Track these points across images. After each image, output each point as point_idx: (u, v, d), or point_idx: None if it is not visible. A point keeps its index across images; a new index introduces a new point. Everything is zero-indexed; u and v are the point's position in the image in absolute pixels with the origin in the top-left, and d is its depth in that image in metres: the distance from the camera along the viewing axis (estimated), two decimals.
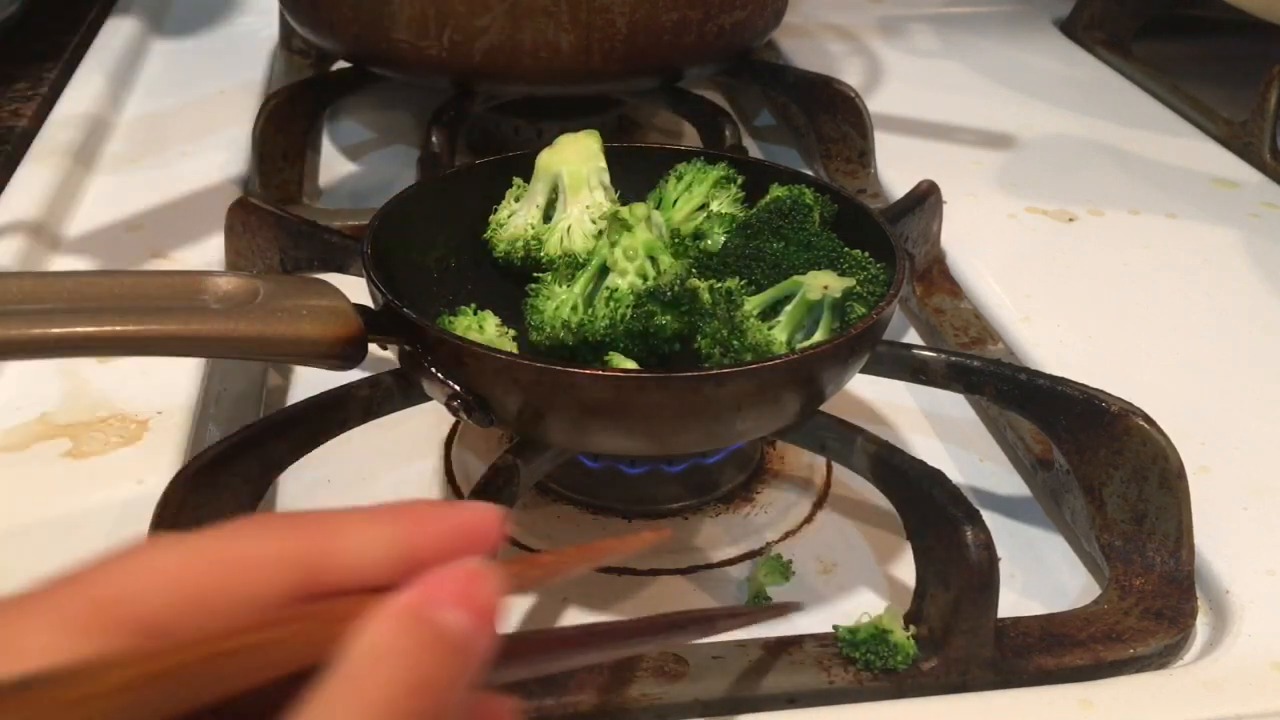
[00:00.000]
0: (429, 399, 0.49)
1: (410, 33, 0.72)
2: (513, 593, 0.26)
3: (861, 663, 0.43)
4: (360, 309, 0.46)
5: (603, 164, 0.56)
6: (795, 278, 0.50)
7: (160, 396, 0.56)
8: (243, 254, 0.62)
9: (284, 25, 1.01)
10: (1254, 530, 0.52)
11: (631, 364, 0.50)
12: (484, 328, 0.51)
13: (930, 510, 0.45)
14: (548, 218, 0.56)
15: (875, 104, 0.87)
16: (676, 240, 0.54)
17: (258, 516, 0.25)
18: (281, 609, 0.23)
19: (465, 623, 0.23)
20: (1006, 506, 0.56)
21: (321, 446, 0.50)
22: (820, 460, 0.58)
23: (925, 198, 0.68)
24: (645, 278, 0.52)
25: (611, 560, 0.36)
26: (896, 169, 0.82)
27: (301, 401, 0.50)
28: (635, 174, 0.59)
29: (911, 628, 0.44)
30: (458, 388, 0.45)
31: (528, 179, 0.57)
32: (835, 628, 0.44)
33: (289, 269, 0.61)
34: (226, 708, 0.21)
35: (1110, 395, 0.50)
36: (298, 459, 0.49)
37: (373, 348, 0.46)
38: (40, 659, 0.20)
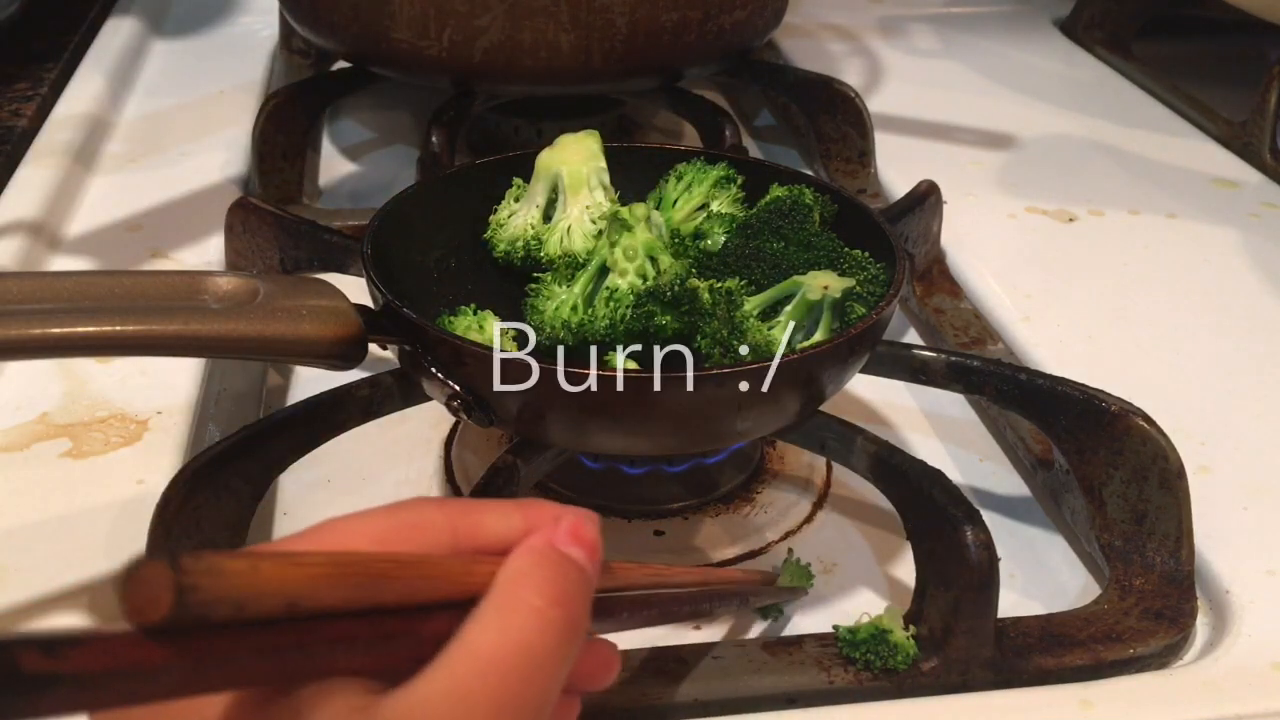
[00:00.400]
0: (429, 399, 0.49)
1: (410, 33, 0.72)
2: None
3: (861, 663, 0.43)
4: (360, 309, 0.46)
5: (603, 164, 0.56)
6: (795, 278, 0.50)
7: (160, 396, 0.56)
8: (243, 254, 0.62)
9: (284, 25, 1.01)
10: (1254, 530, 0.52)
11: (632, 364, 0.50)
12: (484, 328, 0.51)
13: (930, 510, 0.45)
14: (548, 218, 0.56)
15: (875, 104, 0.87)
16: (676, 240, 0.54)
17: (417, 499, 0.31)
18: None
19: (581, 553, 0.30)
20: (1006, 506, 0.56)
21: (321, 446, 0.50)
22: (820, 460, 0.58)
23: (925, 198, 0.68)
24: (645, 278, 0.52)
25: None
26: (896, 169, 0.82)
27: (301, 401, 0.50)
28: (635, 174, 0.59)
29: (911, 628, 0.44)
30: (458, 388, 0.45)
31: (528, 179, 0.57)
32: (835, 628, 0.44)
33: (289, 269, 0.61)
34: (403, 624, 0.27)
35: (1110, 395, 0.50)
36: (298, 459, 0.49)
37: (373, 348, 0.46)
38: None
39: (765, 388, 0.44)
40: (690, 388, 0.43)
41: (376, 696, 0.26)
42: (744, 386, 0.43)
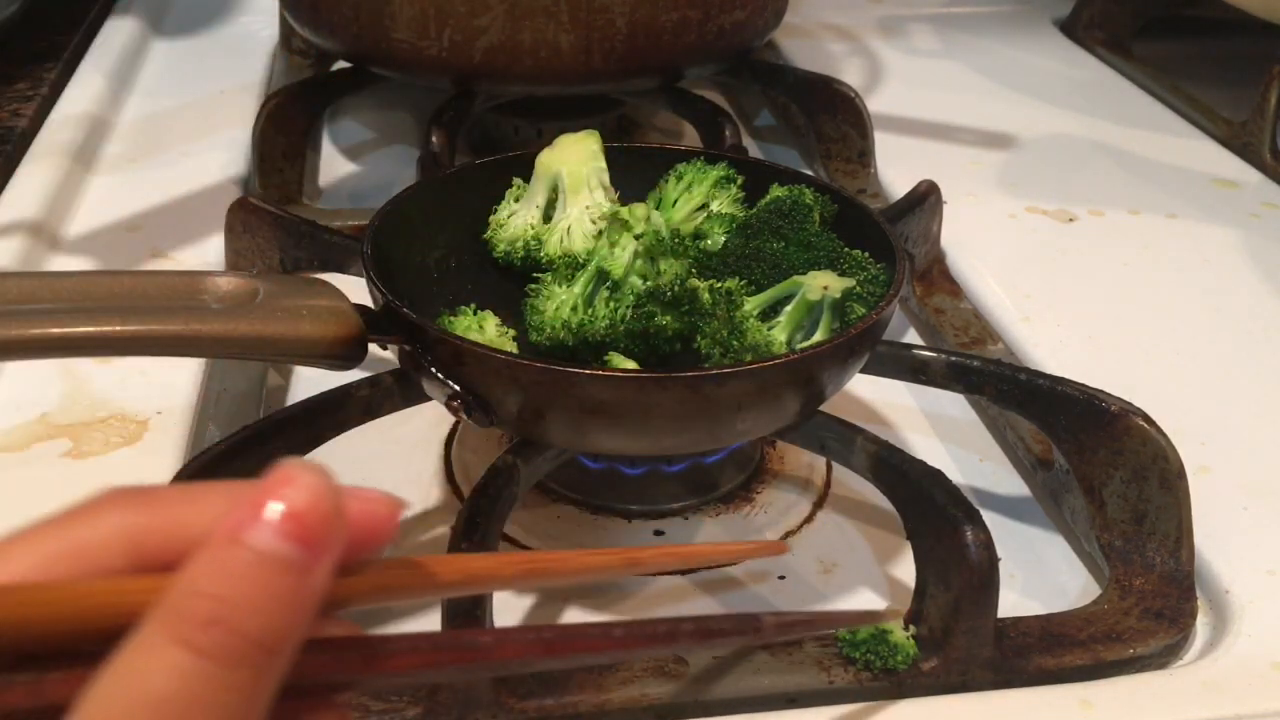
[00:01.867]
0: (429, 399, 0.49)
1: (410, 33, 0.72)
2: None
3: (861, 663, 0.43)
4: (360, 309, 0.46)
5: (603, 164, 0.56)
6: (795, 278, 0.50)
7: (160, 396, 0.56)
8: (243, 254, 0.62)
9: (284, 25, 1.01)
10: (1254, 530, 0.52)
11: (631, 364, 0.50)
12: (484, 328, 0.51)
13: (930, 510, 0.45)
14: (548, 218, 0.56)
15: (875, 104, 0.87)
16: (676, 240, 0.54)
17: (99, 497, 0.24)
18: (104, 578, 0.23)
19: (274, 533, 0.22)
20: (1006, 506, 0.56)
21: (321, 446, 0.50)
22: (820, 460, 0.58)
23: (925, 198, 0.68)
24: (645, 278, 0.52)
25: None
26: (896, 169, 0.82)
27: (301, 401, 0.50)
28: (635, 174, 0.59)
29: (911, 627, 0.44)
30: (458, 388, 0.45)
31: (528, 179, 0.57)
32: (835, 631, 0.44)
33: (289, 269, 0.61)
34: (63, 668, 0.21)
35: (1110, 395, 0.50)
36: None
37: (373, 348, 0.46)
38: None
39: (765, 388, 0.44)
40: (690, 388, 0.43)
41: None
42: (744, 386, 0.43)
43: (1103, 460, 0.50)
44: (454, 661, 0.25)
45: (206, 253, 0.69)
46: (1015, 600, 0.50)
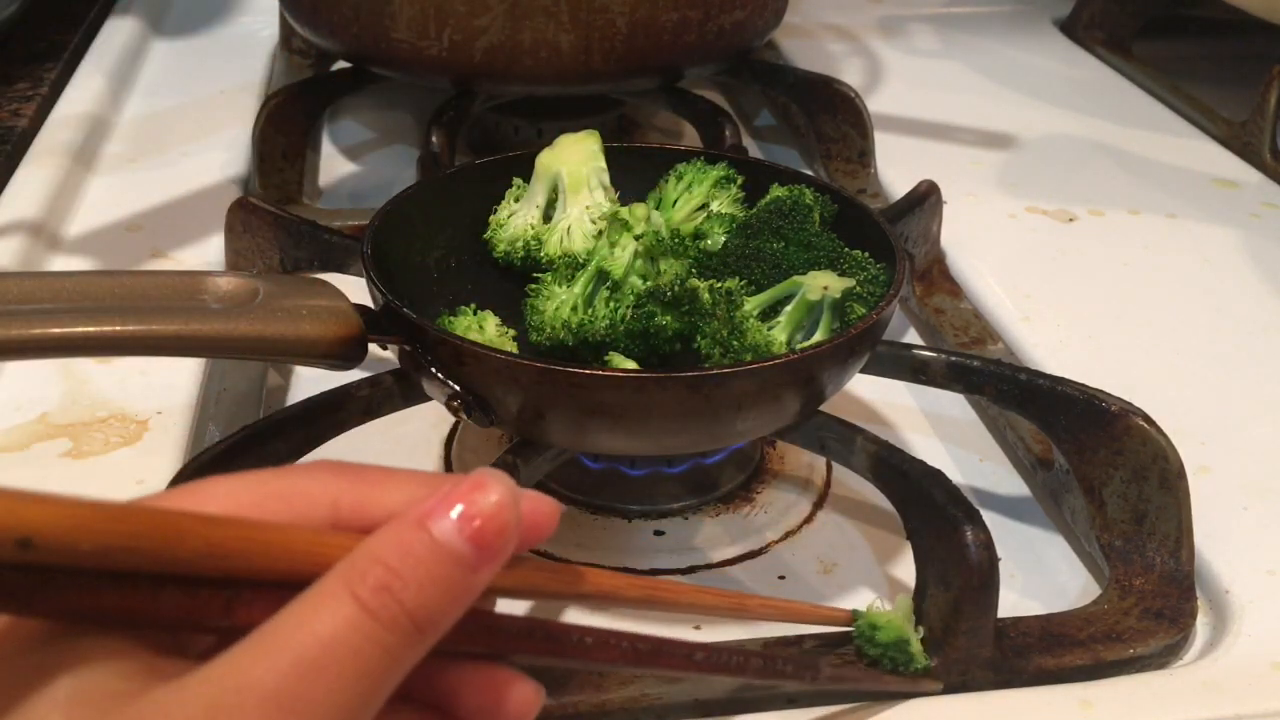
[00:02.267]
0: (429, 399, 0.49)
1: (410, 33, 0.72)
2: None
3: (876, 661, 0.42)
4: (360, 309, 0.46)
5: (603, 164, 0.56)
6: (795, 278, 0.50)
7: (160, 396, 0.56)
8: (243, 254, 0.62)
9: (284, 25, 1.01)
10: (1254, 530, 0.52)
11: (631, 364, 0.50)
12: (484, 328, 0.51)
13: (930, 510, 0.45)
14: (548, 218, 0.56)
15: (875, 104, 0.87)
16: (676, 240, 0.54)
17: (314, 461, 0.27)
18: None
19: (457, 534, 0.25)
20: (1006, 506, 0.56)
21: (321, 446, 0.50)
22: (820, 460, 0.58)
23: (925, 198, 0.68)
24: (645, 278, 0.52)
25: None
26: (896, 169, 0.82)
27: (301, 401, 0.50)
28: (635, 174, 0.59)
29: (921, 628, 0.44)
30: (458, 388, 0.45)
31: (528, 179, 0.57)
32: (854, 614, 0.42)
33: (289, 269, 0.61)
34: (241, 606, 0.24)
35: (1110, 395, 0.50)
36: (298, 459, 0.49)
37: (373, 348, 0.46)
38: None
39: (765, 388, 0.44)
40: (690, 388, 0.43)
41: (149, 682, 0.23)
42: (744, 386, 0.43)
43: (1103, 460, 0.50)
44: (562, 654, 0.29)
45: (206, 253, 0.69)
46: (1015, 600, 0.50)
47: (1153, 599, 0.47)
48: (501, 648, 0.28)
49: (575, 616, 0.49)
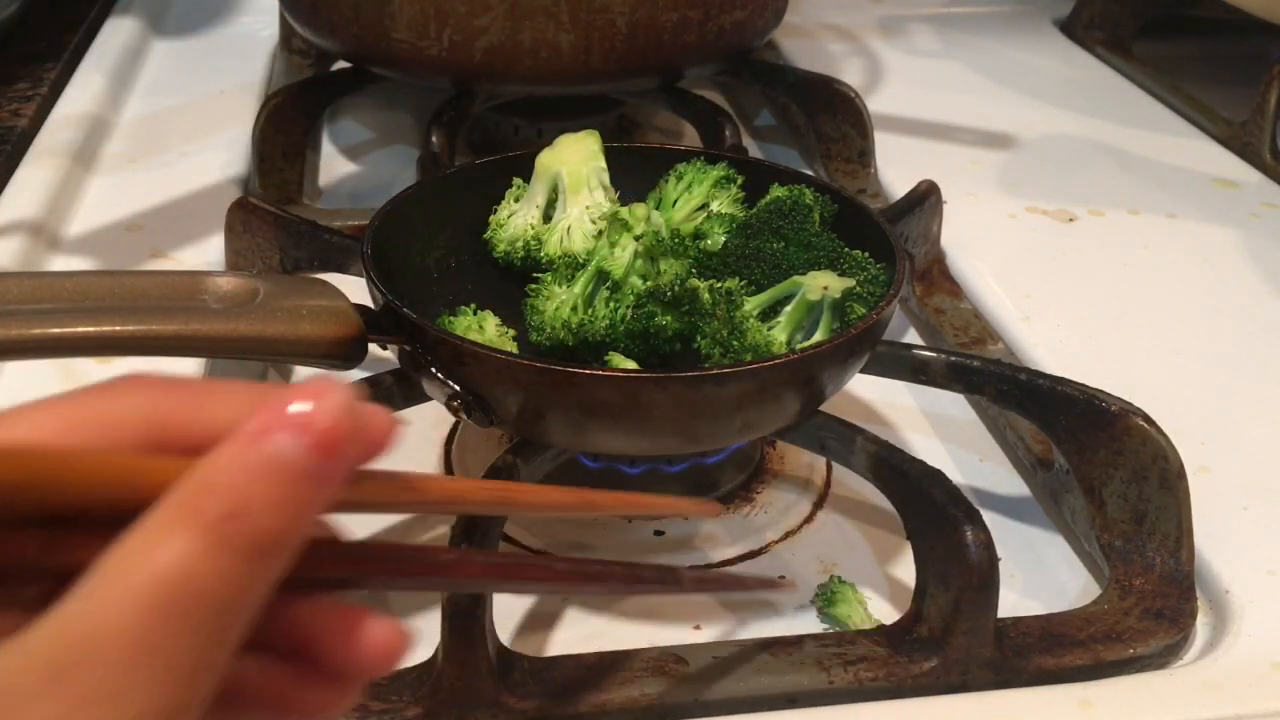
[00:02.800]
0: (429, 399, 0.49)
1: (410, 33, 0.72)
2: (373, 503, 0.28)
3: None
4: (360, 309, 0.46)
5: (603, 164, 0.56)
6: (795, 278, 0.50)
7: None
8: (243, 254, 0.62)
9: (284, 25, 1.01)
10: (1254, 530, 0.52)
11: (631, 364, 0.50)
12: (484, 328, 0.51)
13: (930, 510, 0.45)
14: (548, 218, 0.56)
15: (875, 104, 0.87)
16: (676, 240, 0.54)
17: (125, 376, 0.25)
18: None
19: (297, 443, 0.23)
20: (1006, 506, 0.56)
21: None
22: (820, 460, 0.58)
23: (925, 198, 0.68)
24: (645, 278, 0.52)
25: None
26: (896, 169, 0.82)
27: None
28: (635, 174, 0.59)
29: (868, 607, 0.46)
30: (458, 388, 0.45)
31: (528, 179, 0.57)
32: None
33: (289, 269, 0.61)
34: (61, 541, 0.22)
35: (1110, 395, 0.50)
36: None
37: (373, 348, 0.46)
38: None
39: (765, 388, 0.44)
40: (690, 388, 0.43)
41: None
42: (744, 386, 0.43)
43: (1103, 460, 0.50)
44: (420, 572, 0.27)
45: (206, 253, 0.69)
46: (1015, 600, 0.50)
47: (1153, 599, 0.47)
48: (355, 570, 0.26)
49: (574, 613, 0.49)
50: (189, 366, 0.58)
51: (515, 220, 0.57)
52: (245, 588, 0.22)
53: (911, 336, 0.69)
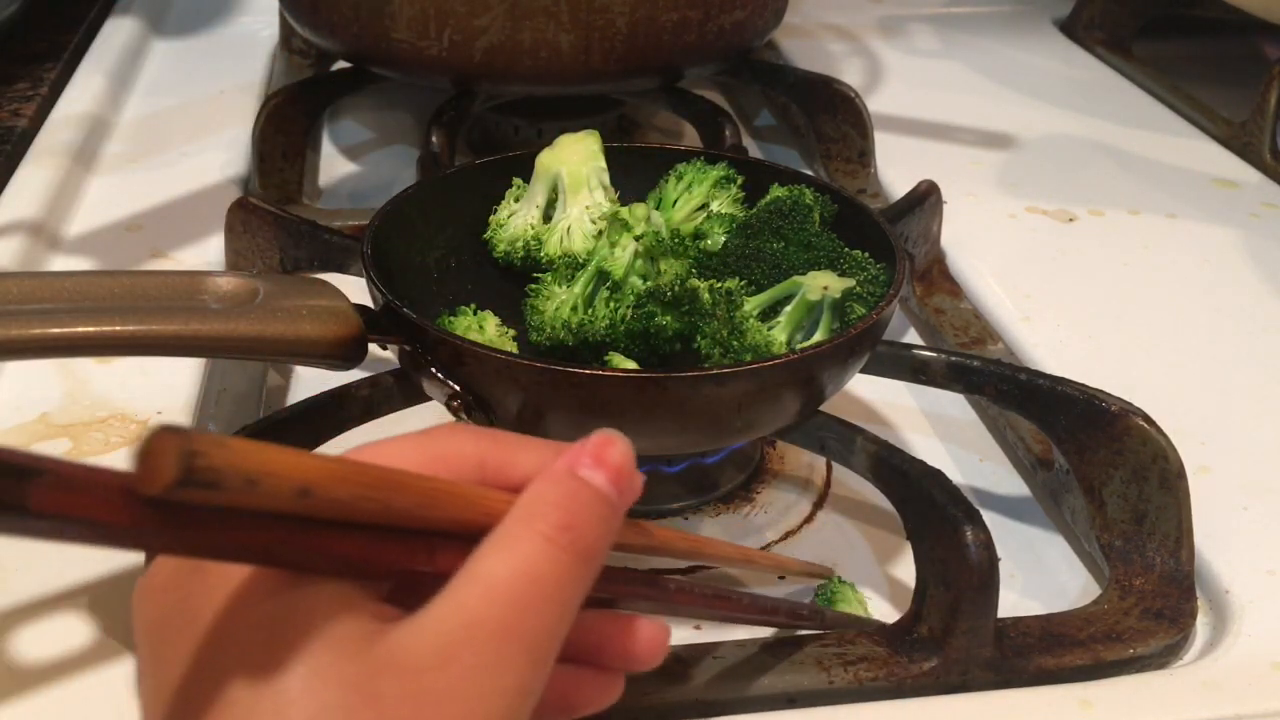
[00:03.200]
0: (429, 399, 0.49)
1: (410, 33, 0.72)
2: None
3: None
4: (360, 309, 0.46)
5: (603, 164, 0.56)
6: (795, 278, 0.50)
7: (160, 396, 0.56)
8: (243, 254, 0.62)
9: (284, 25, 1.01)
10: (1254, 530, 0.52)
11: (631, 364, 0.50)
12: (484, 328, 0.51)
13: (930, 510, 0.45)
14: (548, 218, 0.56)
15: (875, 104, 0.87)
16: (676, 240, 0.54)
17: (455, 425, 0.32)
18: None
19: (602, 476, 0.30)
20: (1006, 506, 0.56)
21: (321, 447, 0.50)
22: (820, 460, 0.58)
23: (925, 198, 0.68)
24: (645, 278, 0.52)
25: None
26: (896, 169, 0.82)
27: (301, 401, 0.50)
28: (635, 174, 0.59)
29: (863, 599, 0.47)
30: (458, 388, 0.45)
31: (528, 179, 0.57)
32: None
33: (289, 269, 0.61)
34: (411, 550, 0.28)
35: (1110, 395, 0.50)
36: None
37: (373, 348, 0.46)
38: None
39: (765, 388, 0.44)
40: (690, 388, 0.43)
41: (383, 625, 0.26)
42: (744, 386, 0.43)
43: (1103, 460, 0.50)
44: (652, 596, 0.34)
45: (206, 253, 0.69)
46: (1015, 600, 0.50)
47: (1153, 599, 0.47)
48: (615, 592, 0.32)
49: None
50: (189, 366, 0.58)
51: (515, 220, 0.57)
52: (577, 586, 0.28)
53: (911, 336, 0.69)
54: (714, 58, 0.78)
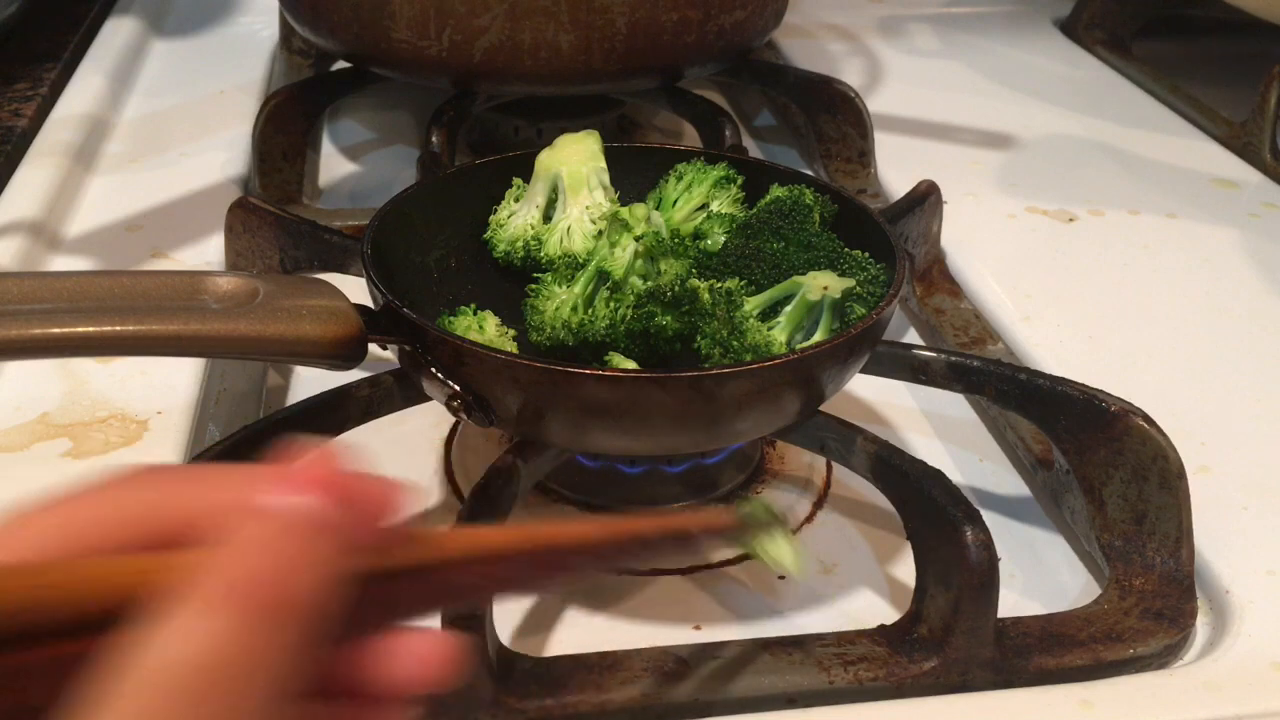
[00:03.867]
0: (429, 399, 0.49)
1: (410, 33, 0.72)
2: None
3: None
4: (360, 309, 0.46)
5: (603, 164, 0.56)
6: (795, 278, 0.50)
7: (160, 396, 0.56)
8: (243, 254, 0.62)
9: (284, 25, 1.01)
10: (1254, 530, 0.52)
11: (631, 364, 0.50)
12: (484, 328, 0.51)
13: (930, 510, 0.45)
14: (548, 218, 0.56)
15: (875, 104, 0.87)
16: (676, 240, 0.54)
17: (127, 472, 0.25)
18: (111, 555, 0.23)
19: (306, 502, 0.23)
20: (1006, 506, 0.56)
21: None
22: (820, 460, 0.58)
23: (925, 198, 0.68)
24: (645, 278, 0.52)
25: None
26: (896, 169, 0.82)
27: (301, 401, 0.50)
28: (635, 174, 0.59)
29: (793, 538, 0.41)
30: (458, 388, 0.45)
31: (528, 179, 0.57)
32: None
33: (289, 269, 0.61)
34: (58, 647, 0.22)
35: (1110, 395, 0.50)
36: None
37: (373, 348, 0.46)
38: None
39: (765, 388, 0.44)
40: (690, 388, 0.43)
41: None
42: (744, 386, 0.43)
43: (1103, 460, 0.50)
44: (449, 597, 0.28)
45: (206, 253, 0.69)
46: (1015, 600, 0.50)
47: (1153, 599, 0.47)
48: (390, 609, 0.26)
49: (573, 613, 0.49)
50: (189, 366, 0.58)
51: (515, 220, 0.57)
52: (280, 652, 0.22)
53: (911, 336, 0.69)
54: (714, 58, 0.78)
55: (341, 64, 0.82)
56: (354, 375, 0.48)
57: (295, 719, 0.23)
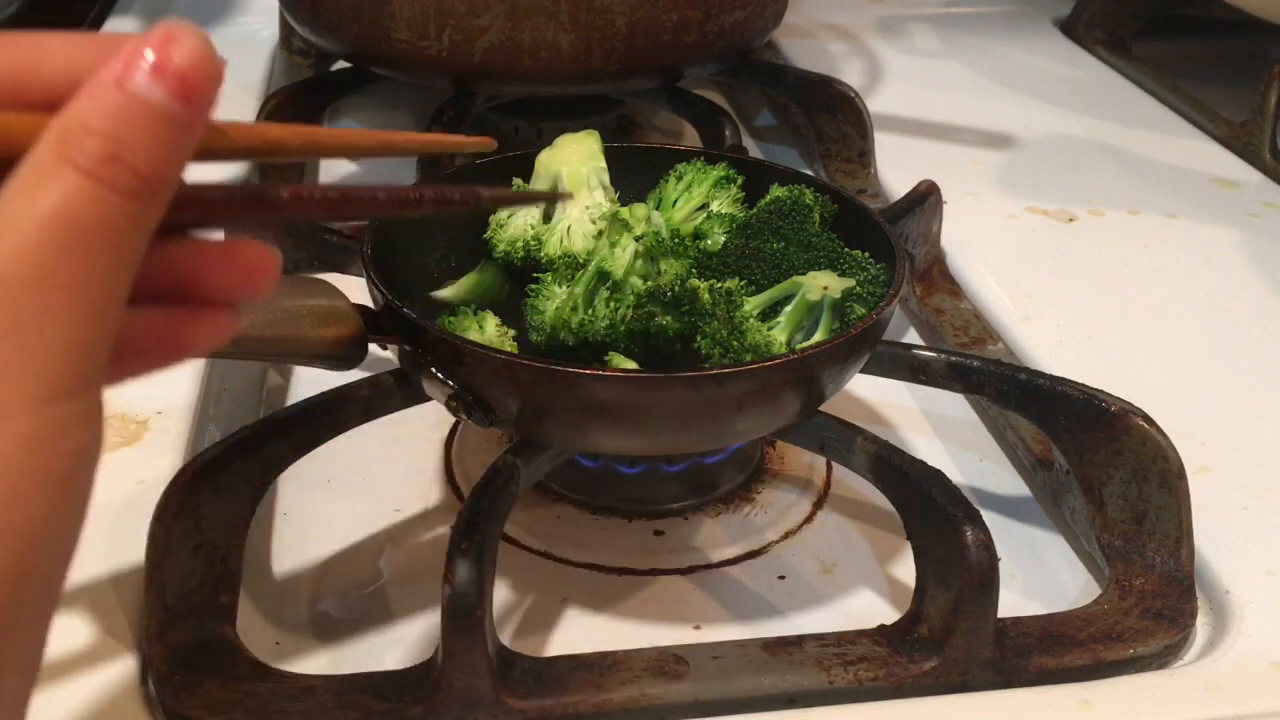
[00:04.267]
0: (429, 399, 0.49)
1: (410, 33, 0.72)
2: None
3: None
4: (360, 309, 0.46)
5: (603, 164, 0.56)
6: (795, 278, 0.50)
7: (160, 396, 0.56)
8: None
9: (284, 25, 1.01)
10: (1254, 530, 0.52)
11: (631, 364, 0.50)
12: (484, 328, 0.51)
13: (930, 510, 0.45)
14: (548, 218, 0.56)
15: (875, 104, 0.87)
16: (676, 240, 0.54)
17: None
18: None
19: (161, 89, 0.24)
20: (1006, 506, 0.56)
21: (321, 446, 0.50)
22: (820, 460, 0.58)
23: (925, 198, 0.68)
24: (645, 278, 0.52)
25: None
26: (896, 169, 0.82)
27: (301, 401, 0.50)
28: (635, 174, 0.59)
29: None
30: (458, 388, 0.45)
31: (528, 179, 0.57)
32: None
33: (289, 269, 0.61)
34: None
35: (1110, 395, 0.50)
36: (298, 459, 0.49)
37: (373, 348, 0.46)
38: None
39: (765, 388, 0.44)
40: (690, 388, 0.43)
41: None
42: (744, 386, 0.43)
43: (1103, 460, 0.50)
44: (257, 210, 0.29)
45: None
46: (1015, 600, 0.50)
47: (1153, 599, 0.47)
48: (210, 213, 0.28)
49: (574, 613, 0.49)
50: (189, 366, 0.58)
51: (515, 220, 0.57)
52: (133, 224, 0.23)
53: (911, 336, 0.69)
54: (714, 58, 0.78)
55: (341, 64, 0.82)
56: (354, 375, 0.48)
57: (136, 321, 0.26)
